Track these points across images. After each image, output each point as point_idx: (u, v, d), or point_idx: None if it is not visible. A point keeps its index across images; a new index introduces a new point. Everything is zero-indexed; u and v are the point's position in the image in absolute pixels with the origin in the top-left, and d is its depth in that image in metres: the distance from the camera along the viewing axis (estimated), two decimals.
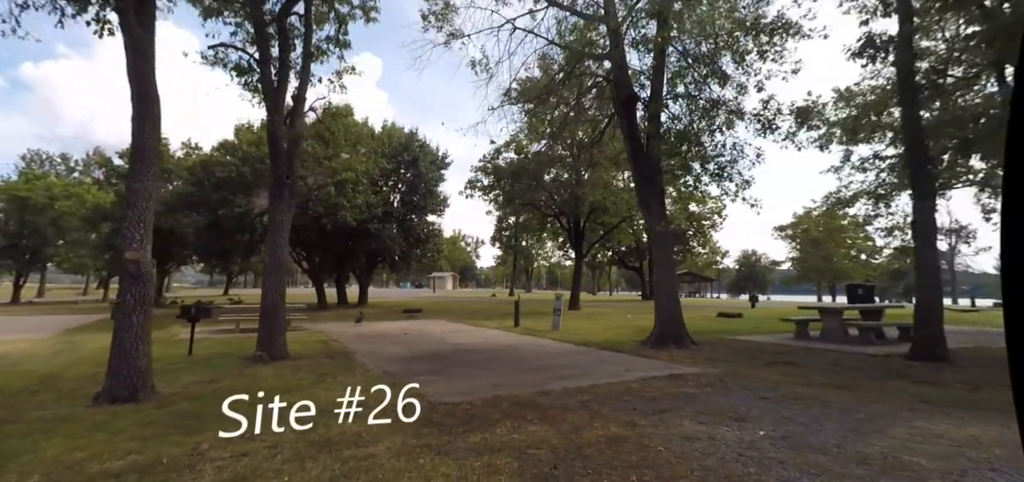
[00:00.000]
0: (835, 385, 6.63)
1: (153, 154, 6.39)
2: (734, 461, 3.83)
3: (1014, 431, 3.91)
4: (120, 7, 6.13)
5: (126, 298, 6.06)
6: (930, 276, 8.62)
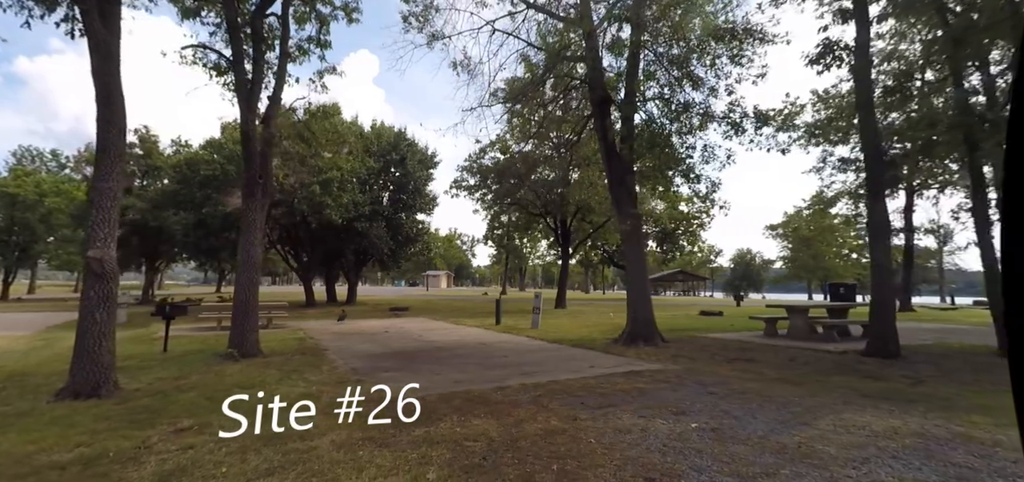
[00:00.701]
0: (784, 380, 6.83)
1: (117, 155, 6.51)
2: (656, 451, 4.01)
3: (933, 422, 4.12)
4: (83, 9, 6.24)
5: (90, 296, 6.18)
6: (883, 275, 8.85)
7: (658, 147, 11.10)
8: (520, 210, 26.62)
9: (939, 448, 4.07)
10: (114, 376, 6.30)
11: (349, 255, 25.40)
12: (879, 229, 8.77)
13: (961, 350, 10.01)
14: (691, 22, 10.67)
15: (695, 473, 3.57)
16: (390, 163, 25.46)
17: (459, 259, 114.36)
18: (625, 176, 10.88)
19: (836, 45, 9.41)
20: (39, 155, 61.83)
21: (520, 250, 64.84)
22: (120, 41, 6.61)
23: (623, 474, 3.56)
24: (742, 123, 10.16)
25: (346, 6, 12.44)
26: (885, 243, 8.75)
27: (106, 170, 6.35)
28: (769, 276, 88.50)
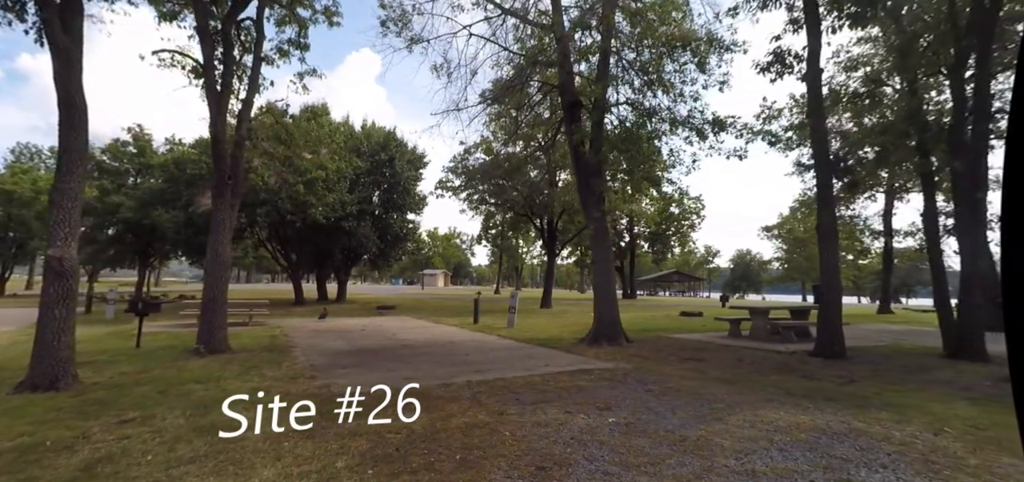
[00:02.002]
0: (721, 379, 7.06)
1: (79, 157, 6.75)
2: (562, 443, 4.24)
3: (839, 418, 4.35)
4: (45, 18, 6.48)
5: (49, 292, 6.42)
6: (831, 277, 9.08)
7: (625, 150, 11.32)
8: (508, 210, 26.87)
9: (827, 442, 4.30)
10: (73, 370, 6.54)
11: (337, 254, 25.65)
12: (827, 233, 9.00)
13: (910, 352, 10.25)
14: (657, 29, 10.89)
15: (586, 462, 3.80)
16: (379, 163, 25.70)
17: (458, 258, 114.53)
18: (591, 179, 11.10)
19: (787, 54, 9.63)
20: (37, 152, 62.16)
21: (515, 249, 65.03)
22: (82, 48, 6.85)
23: (519, 463, 3.80)
24: (704, 129, 10.38)
25: (326, 9, 12.67)
26: (832, 246, 8.98)
27: (67, 171, 6.59)
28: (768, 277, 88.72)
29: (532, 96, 14.50)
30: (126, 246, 32.83)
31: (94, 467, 3.81)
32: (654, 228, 39.92)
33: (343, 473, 3.66)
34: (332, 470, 3.72)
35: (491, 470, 3.67)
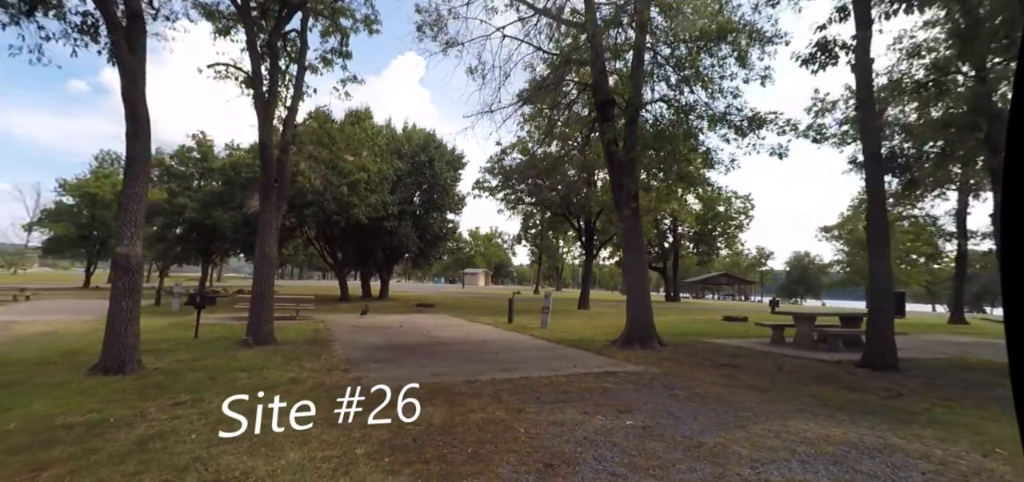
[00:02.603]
0: (754, 387, 6.88)
1: (143, 165, 7.43)
2: (574, 442, 4.33)
3: (875, 433, 4.21)
4: (114, 40, 7.18)
5: (118, 286, 7.12)
6: (882, 283, 8.55)
7: (658, 149, 11.18)
8: (545, 210, 26.94)
9: (856, 457, 4.15)
10: (138, 356, 7.21)
11: (379, 253, 26.55)
12: (877, 235, 8.48)
13: (975, 366, 9.51)
14: (694, 23, 10.69)
15: (595, 462, 3.88)
16: (419, 164, 26.40)
17: (499, 257, 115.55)
18: (623, 178, 11.03)
19: (832, 44, 9.12)
20: (118, 158, 67.68)
21: (555, 249, 64.86)
22: (145, 66, 7.53)
23: (528, 459, 3.93)
24: (743, 126, 10.06)
25: (367, 18, 13.20)
26: (885, 250, 8.46)
27: (133, 177, 7.28)
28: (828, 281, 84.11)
29: (567, 95, 14.53)
30: (190, 244, 35.34)
31: (147, 442, 4.25)
32: (699, 228, 38.78)
33: (361, 459, 3.92)
34: (352, 456, 3.98)
35: (500, 464, 3.82)
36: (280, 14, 11.06)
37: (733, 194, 38.57)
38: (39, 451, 4.00)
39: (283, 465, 3.83)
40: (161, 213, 33.24)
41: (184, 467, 3.73)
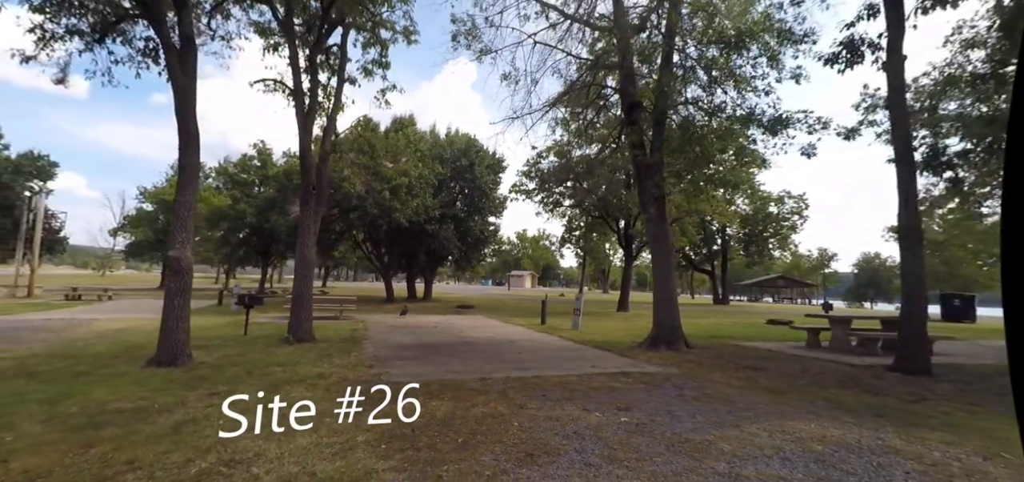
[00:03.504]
0: (770, 389, 6.72)
1: (193, 176, 8.21)
2: (562, 436, 4.48)
3: (876, 435, 4.17)
4: (168, 60, 7.99)
5: (170, 287, 7.90)
6: (914, 285, 8.04)
7: (682, 152, 11.03)
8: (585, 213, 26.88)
9: (844, 456, 4.06)
10: (188, 350, 7.97)
11: (422, 255, 27.40)
12: (910, 235, 8.01)
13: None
14: (721, 25, 10.48)
15: (575, 453, 4.02)
16: (461, 169, 27.04)
17: (547, 259, 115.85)
18: (648, 181, 10.94)
19: (860, 42, 8.68)
20: None
21: (601, 251, 64.12)
22: (196, 84, 8.32)
23: (512, 449, 4.12)
24: (774, 126, 9.75)
25: (405, 30, 13.76)
26: (917, 250, 7.96)
27: (183, 187, 8.06)
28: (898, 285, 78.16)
29: (598, 99, 14.53)
30: (251, 247, 37.80)
31: (181, 426, 4.78)
32: (750, 230, 37.25)
33: (361, 445, 4.25)
34: (353, 442, 4.33)
35: (484, 453, 4.03)
36: (321, 30, 11.79)
37: (786, 194, 36.77)
38: (91, 431, 4.60)
39: (292, 449, 4.22)
40: (226, 218, 35.86)
41: (207, 449, 4.20)
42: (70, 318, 15.16)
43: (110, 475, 3.65)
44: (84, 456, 4.00)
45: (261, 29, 12.71)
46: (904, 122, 8.10)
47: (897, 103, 8.14)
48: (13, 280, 24.62)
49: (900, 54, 8.04)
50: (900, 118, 8.09)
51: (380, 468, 3.76)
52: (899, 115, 8.11)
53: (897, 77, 8.11)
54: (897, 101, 8.14)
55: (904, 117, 8.12)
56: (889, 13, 8.09)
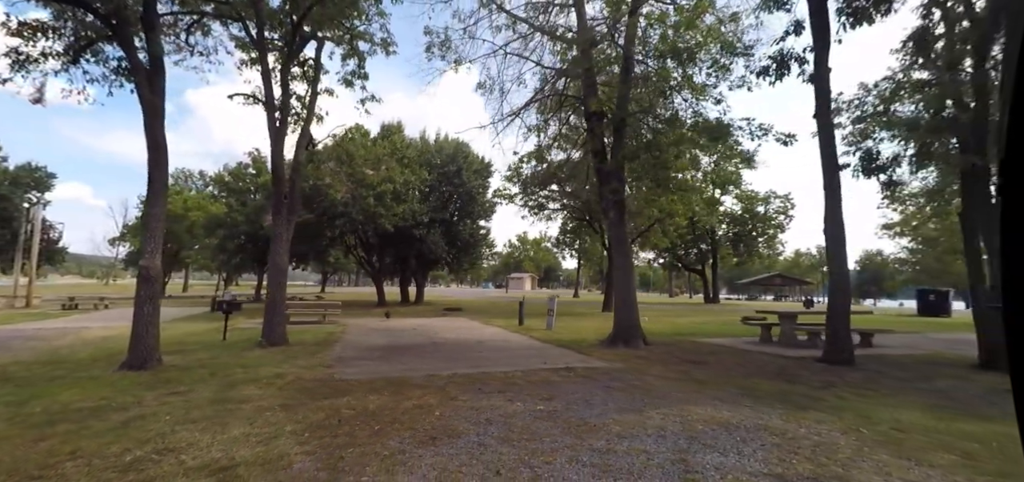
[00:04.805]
0: (698, 380, 7.14)
1: (162, 189, 8.67)
2: (471, 422, 4.91)
3: (760, 415, 4.67)
4: (136, 81, 8.47)
5: (140, 294, 8.35)
6: (839, 281, 8.44)
7: (635, 157, 11.45)
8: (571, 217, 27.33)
9: (715, 432, 4.50)
10: (158, 354, 8.41)
11: (412, 260, 27.87)
12: (835, 236, 8.43)
13: (941, 361, 9.43)
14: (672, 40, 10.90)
15: (475, 436, 4.46)
16: (448, 174, 27.51)
17: (548, 261, 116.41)
18: (609, 186, 11.35)
19: (788, 56, 9.14)
20: (189, 175, 74.21)
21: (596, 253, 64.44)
22: (164, 101, 8.79)
23: (418, 434, 4.55)
24: (714, 132, 10.16)
25: (384, 41, 14.20)
26: (841, 250, 8.37)
27: (153, 200, 8.52)
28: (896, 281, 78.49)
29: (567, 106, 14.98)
30: (247, 254, 38.37)
31: (132, 422, 5.22)
32: (739, 229, 37.62)
33: (287, 435, 4.68)
34: (281, 432, 4.75)
35: (393, 438, 4.46)
36: (293, 44, 12.25)
37: (772, 193, 37.18)
38: (47, 427, 5.04)
39: (224, 438, 4.64)
40: (222, 226, 36.46)
41: (146, 440, 4.62)
42: (62, 327, 15.67)
43: (52, 463, 4.09)
44: (34, 449, 4.43)
45: (242, 44, 13.19)
46: (829, 129, 8.53)
47: (823, 112, 8.58)
48: (12, 291, 25.23)
49: (826, 67, 8.49)
50: (826, 125, 8.52)
51: (294, 452, 4.19)
52: (825, 122, 8.55)
53: (823, 88, 8.56)
54: (823, 110, 8.58)
55: (829, 124, 8.55)
56: (815, 30, 8.56)
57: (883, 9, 8.37)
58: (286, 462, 3.99)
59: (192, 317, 19.82)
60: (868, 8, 8.30)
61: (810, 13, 8.63)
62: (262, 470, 3.84)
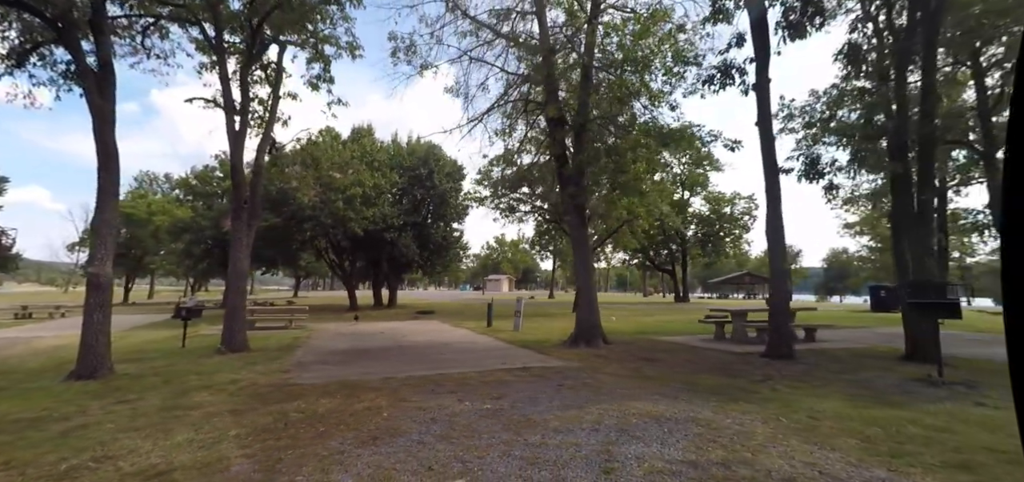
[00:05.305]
0: (645, 376, 7.44)
1: (112, 195, 8.53)
2: (415, 422, 5.04)
3: (693, 408, 4.98)
4: (84, 85, 8.33)
5: (90, 302, 8.20)
6: (779, 280, 8.91)
7: (607, 161, 11.73)
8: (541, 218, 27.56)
9: (646, 424, 4.77)
10: (109, 362, 8.27)
11: (384, 263, 27.73)
12: (774, 236, 8.88)
13: (872, 354, 9.98)
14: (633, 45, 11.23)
15: (416, 435, 4.60)
16: (419, 177, 27.47)
17: (527, 263, 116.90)
18: (567, 191, 11.61)
19: (731, 66, 9.63)
20: (155, 178, 72.01)
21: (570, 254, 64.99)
22: (115, 107, 8.65)
23: (362, 434, 4.67)
24: (664, 137, 10.55)
25: (350, 45, 14.17)
26: (780, 250, 8.83)
27: (102, 206, 8.38)
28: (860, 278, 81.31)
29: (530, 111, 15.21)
30: (214, 259, 37.53)
31: (72, 431, 5.18)
32: (706, 229, 38.65)
33: (231, 439, 4.73)
34: (225, 436, 4.80)
35: (335, 439, 4.56)
36: (252, 48, 12.14)
37: (737, 195, 38.35)
38: None
39: (167, 444, 4.67)
40: (188, 231, 35.58)
41: (85, 449, 4.61)
42: (13, 337, 15.15)
43: None
44: None
45: (203, 46, 13.00)
46: (770, 136, 9.00)
47: (764, 119, 9.04)
48: None
49: (766, 77, 8.95)
50: (767, 132, 8.98)
51: (234, 456, 4.26)
52: (766, 129, 9.00)
53: (764, 97, 9.02)
54: (764, 117, 9.04)
55: (769, 132, 9.02)
56: (756, 43, 9.03)
57: (818, 25, 8.89)
58: (224, 465, 4.05)
59: (154, 324, 19.36)
60: (804, 23, 8.80)
61: (751, 27, 9.09)
62: (199, 474, 3.91)
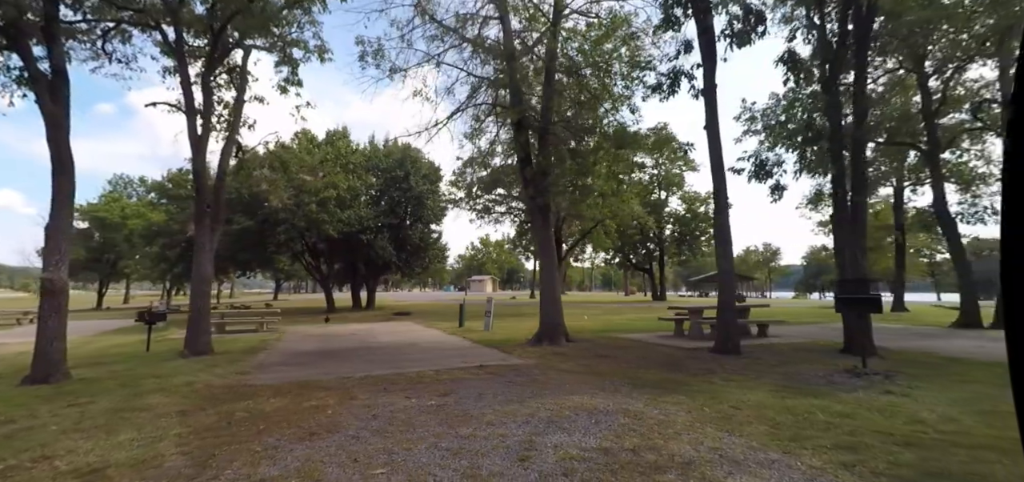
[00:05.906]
0: (594, 372, 7.71)
1: (67, 201, 8.52)
2: (355, 418, 5.21)
3: (631, 400, 5.23)
4: (36, 91, 8.31)
5: (44, 307, 8.19)
6: (726, 278, 9.28)
7: (572, 163, 12.02)
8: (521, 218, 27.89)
9: (576, 416, 5.03)
10: (65, 367, 8.25)
11: (361, 265, 27.70)
12: (722, 236, 9.26)
13: (813, 348, 10.42)
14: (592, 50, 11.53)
15: (353, 429, 4.79)
16: (396, 179, 27.52)
17: (511, 263, 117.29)
18: (528, 192, 11.86)
19: (678, 73, 10.04)
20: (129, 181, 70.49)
21: None
22: (69, 112, 8.63)
23: (300, 430, 4.82)
24: (619, 139, 10.89)
25: (319, 49, 14.20)
26: (727, 249, 9.21)
27: (57, 211, 8.36)
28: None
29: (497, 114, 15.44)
30: (188, 263, 37.01)
31: (16, 434, 5.23)
32: (682, 229, 39.37)
33: (172, 437, 4.85)
34: (167, 435, 4.91)
35: (273, 436, 4.71)
36: (214, 52, 12.12)
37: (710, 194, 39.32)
38: None
39: (106, 444, 4.76)
40: (162, 234, 35.05)
41: (25, 450, 4.68)
42: None
43: None
44: None
45: (169, 51, 12.92)
46: (716, 139, 9.37)
47: (712, 123, 9.41)
48: None
49: (713, 82, 9.33)
50: (714, 136, 9.35)
51: (170, 453, 4.38)
52: (713, 133, 9.38)
53: (711, 102, 9.40)
54: (712, 122, 9.41)
55: (717, 135, 9.40)
56: (703, 50, 9.41)
57: (760, 33, 9.28)
58: (159, 462, 4.18)
59: (123, 329, 19.13)
60: (748, 31, 9.19)
61: (698, 34, 9.45)
62: (132, 470, 4.03)
